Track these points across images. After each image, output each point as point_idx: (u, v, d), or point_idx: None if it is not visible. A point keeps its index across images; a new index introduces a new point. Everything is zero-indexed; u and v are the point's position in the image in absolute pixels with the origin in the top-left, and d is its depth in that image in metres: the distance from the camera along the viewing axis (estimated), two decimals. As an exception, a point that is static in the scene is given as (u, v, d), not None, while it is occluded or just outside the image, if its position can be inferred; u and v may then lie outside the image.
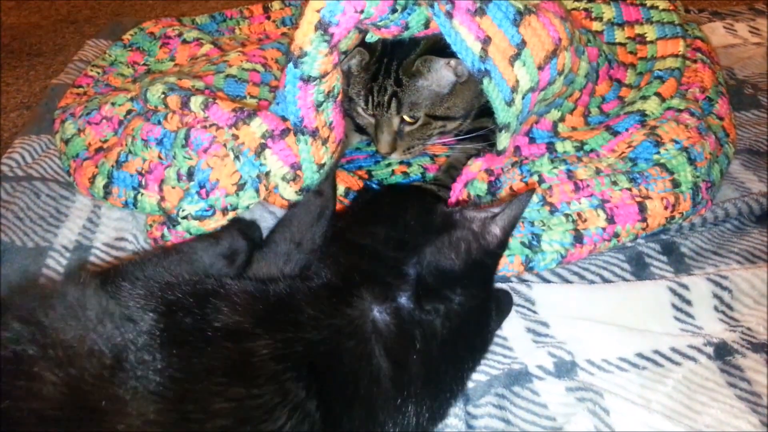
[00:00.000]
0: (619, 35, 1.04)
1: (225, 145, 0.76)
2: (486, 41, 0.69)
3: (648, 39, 1.00)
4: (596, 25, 1.05)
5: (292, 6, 1.33)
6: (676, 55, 0.94)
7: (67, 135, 0.94)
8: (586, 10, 1.07)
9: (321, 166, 0.77)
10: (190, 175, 0.78)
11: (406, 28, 0.71)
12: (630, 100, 0.92)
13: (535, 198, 0.80)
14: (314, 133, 0.75)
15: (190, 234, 0.77)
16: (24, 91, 1.32)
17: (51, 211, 0.88)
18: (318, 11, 0.66)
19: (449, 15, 0.68)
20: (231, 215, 0.76)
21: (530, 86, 0.72)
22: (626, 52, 1.02)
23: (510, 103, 0.71)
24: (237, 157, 0.74)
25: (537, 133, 0.88)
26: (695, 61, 0.96)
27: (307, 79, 0.70)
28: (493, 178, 0.83)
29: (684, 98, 0.89)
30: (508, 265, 0.75)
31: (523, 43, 0.70)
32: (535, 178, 0.82)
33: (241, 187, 0.75)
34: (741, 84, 1.16)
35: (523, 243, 0.76)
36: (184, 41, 1.14)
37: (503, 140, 0.77)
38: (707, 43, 1.03)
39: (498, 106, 0.71)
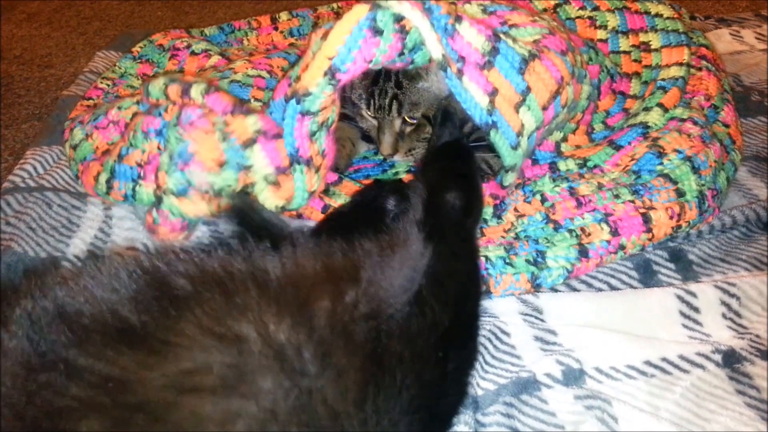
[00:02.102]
0: (624, 43, 1.04)
1: (213, 125, 0.75)
2: (493, 93, 0.70)
3: (653, 47, 1.01)
4: (601, 33, 1.06)
5: (299, 17, 1.34)
6: (681, 64, 0.95)
7: (76, 141, 0.95)
8: (590, 18, 1.07)
9: (311, 193, 0.79)
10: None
11: (412, 63, 0.73)
12: (634, 111, 0.93)
13: (538, 216, 0.81)
14: (309, 162, 0.76)
15: (174, 215, 0.76)
16: (35, 103, 1.34)
17: (63, 221, 0.89)
18: (330, 59, 0.68)
19: (460, 73, 0.69)
20: (213, 202, 0.74)
21: (535, 126, 0.73)
22: (631, 61, 1.02)
23: (516, 147, 0.72)
24: (224, 139, 0.74)
25: (540, 154, 0.89)
26: (700, 69, 0.97)
27: (305, 113, 0.72)
28: (498, 201, 0.84)
29: (688, 107, 0.89)
30: (515, 283, 0.75)
31: (528, 89, 0.71)
32: (538, 197, 0.83)
33: (221, 165, 0.74)
34: (747, 91, 1.16)
35: (528, 261, 0.76)
36: (193, 53, 1.15)
37: (508, 179, 0.79)
38: (712, 51, 1.03)
39: (504, 152, 0.72)
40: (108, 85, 1.15)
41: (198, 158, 0.74)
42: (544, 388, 0.66)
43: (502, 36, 0.71)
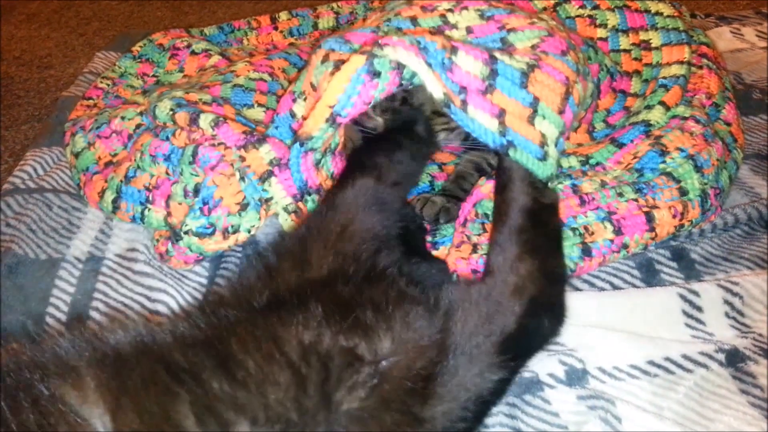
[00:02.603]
0: (624, 42, 1.04)
1: (232, 165, 0.77)
2: (501, 114, 0.69)
3: (653, 45, 1.00)
4: (601, 32, 1.05)
5: (299, 17, 1.34)
6: (682, 62, 0.94)
7: (77, 148, 0.95)
8: (590, 17, 1.07)
9: None
10: (197, 191, 0.79)
11: (411, 84, 0.73)
12: (635, 109, 0.92)
13: None
14: (319, 190, 0.77)
15: (191, 251, 0.78)
16: (35, 104, 1.34)
17: (63, 223, 0.89)
18: (330, 107, 0.69)
19: (464, 104, 0.69)
20: (232, 239, 0.77)
21: (559, 131, 0.72)
22: (631, 59, 1.02)
23: (544, 158, 0.71)
24: (242, 178, 0.76)
25: None
26: (701, 67, 0.96)
27: (308, 150, 0.75)
28: None
29: (689, 105, 0.89)
30: None
31: (536, 100, 0.70)
32: None
33: (243, 207, 0.76)
34: (749, 88, 1.16)
35: None
36: (193, 52, 1.15)
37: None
38: (713, 49, 1.03)
39: (532, 167, 0.71)
40: (108, 85, 1.15)
41: (223, 203, 0.76)
42: (547, 389, 0.66)
43: (497, 56, 0.70)
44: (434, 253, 0.79)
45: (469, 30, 0.80)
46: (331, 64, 0.72)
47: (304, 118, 0.74)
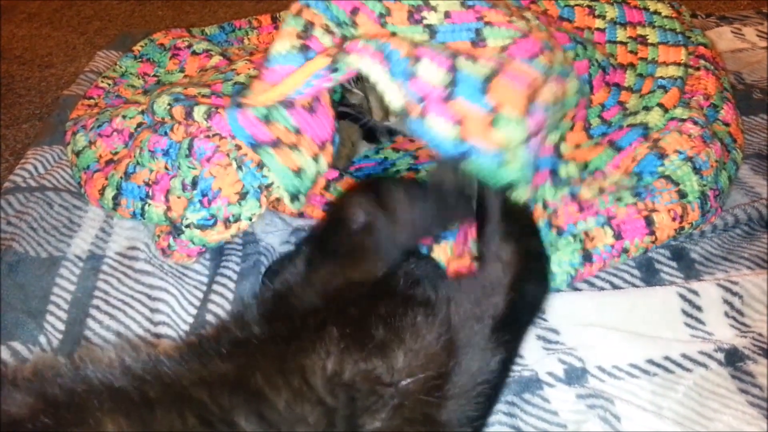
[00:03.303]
0: (621, 34, 1.03)
1: (228, 155, 0.77)
2: (460, 121, 0.70)
3: (649, 41, 1.00)
4: (599, 23, 1.05)
5: (300, 16, 1.34)
6: (678, 64, 0.94)
7: (78, 147, 0.95)
8: (589, 7, 1.06)
9: (299, 171, 0.76)
10: (195, 184, 0.79)
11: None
12: (633, 109, 0.92)
13: (540, 223, 0.79)
14: (276, 143, 0.75)
15: (194, 244, 0.78)
16: (36, 102, 1.34)
17: (64, 221, 0.89)
18: (285, 94, 0.71)
19: (423, 112, 0.69)
20: (234, 227, 0.77)
21: (523, 136, 0.72)
22: (626, 51, 1.01)
23: (503, 164, 0.71)
24: (239, 167, 0.76)
25: (540, 160, 0.88)
26: (698, 69, 0.96)
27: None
28: None
29: (687, 107, 0.88)
30: None
31: (497, 106, 0.70)
32: (540, 205, 0.82)
33: (243, 196, 0.76)
34: (749, 88, 1.16)
35: None
36: (194, 52, 1.15)
37: (521, 194, 0.78)
38: (711, 49, 1.02)
39: (490, 174, 0.71)
40: (109, 84, 1.15)
41: (222, 194, 0.76)
42: (546, 387, 0.66)
43: (461, 62, 0.70)
44: (435, 246, 0.79)
45: (447, 14, 0.79)
46: (302, 21, 0.74)
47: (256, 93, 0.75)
